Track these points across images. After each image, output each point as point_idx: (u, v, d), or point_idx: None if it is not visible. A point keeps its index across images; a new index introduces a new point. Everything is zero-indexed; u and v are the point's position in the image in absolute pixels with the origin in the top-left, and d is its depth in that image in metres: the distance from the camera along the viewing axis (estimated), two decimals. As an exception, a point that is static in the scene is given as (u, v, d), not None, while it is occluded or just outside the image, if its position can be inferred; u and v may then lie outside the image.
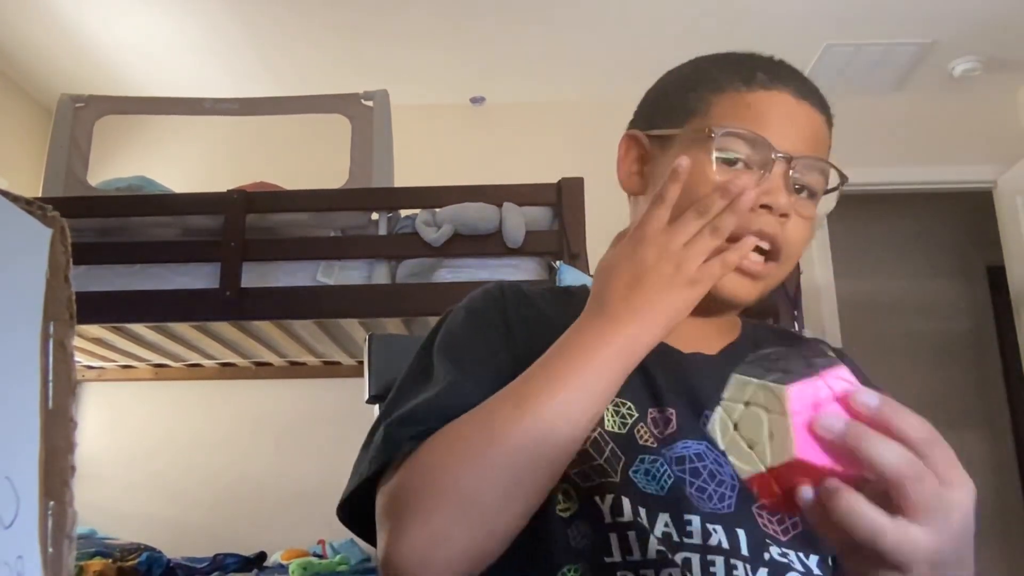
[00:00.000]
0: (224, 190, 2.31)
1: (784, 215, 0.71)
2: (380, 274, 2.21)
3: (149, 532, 2.91)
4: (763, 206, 0.70)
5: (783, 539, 0.68)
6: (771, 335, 0.87)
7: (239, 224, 2.18)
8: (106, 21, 3.07)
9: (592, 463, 0.68)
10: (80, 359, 2.95)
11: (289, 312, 2.21)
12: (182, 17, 3.07)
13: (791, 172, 0.72)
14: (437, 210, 2.18)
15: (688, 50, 0.88)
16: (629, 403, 0.72)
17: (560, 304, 0.80)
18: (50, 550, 0.46)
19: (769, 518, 0.69)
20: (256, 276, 2.15)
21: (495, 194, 2.19)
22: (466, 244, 2.14)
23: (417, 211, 2.25)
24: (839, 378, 0.47)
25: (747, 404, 0.48)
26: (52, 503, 0.47)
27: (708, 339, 0.79)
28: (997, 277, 4.00)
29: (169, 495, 3.22)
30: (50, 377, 0.48)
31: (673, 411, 0.71)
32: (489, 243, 2.14)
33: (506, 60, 3.42)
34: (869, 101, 3.64)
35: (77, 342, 1.61)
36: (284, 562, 2.73)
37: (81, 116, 2.52)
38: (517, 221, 2.13)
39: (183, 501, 3.21)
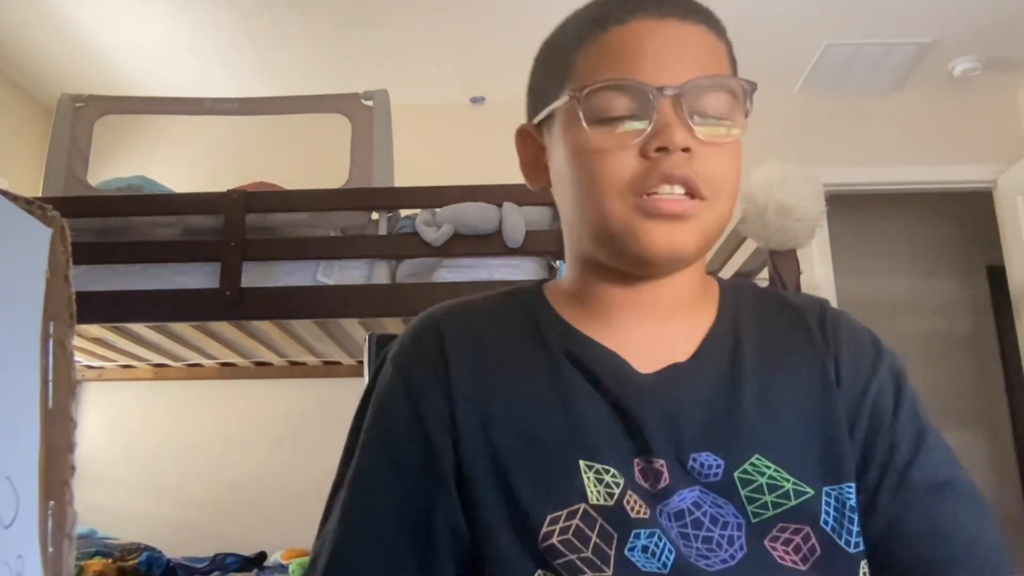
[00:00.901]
0: (224, 190, 2.31)
1: (686, 149, 0.61)
2: (380, 274, 2.20)
3: (149, 532, 2.91)
4: (659, 149, 0.61)
5: (803, 568, 0.62)
6: (754, 302, 0.74)
7: (239, 224, 2.18)
8: (106, 21, 3.07)
9: (580, 555, 0.59)
10: (80, 359, 2.95)
11: (289, 312, 2.20)
12: (182, 17, 3.07)
13: (682, 101, 0.61)
14: (437, 210, 2.18)
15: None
16: (612, 469, 0.62)
17: (503, 313, 0.72)
18: (50, 550, 0.46)
19: (784, 548, 0.62)
20: (256, 276, 2.15)
21: (495, 194, 2.19)
22: (466, 244, 2.14)
23: (417, 211, 2.25)
24: None
25: None
26: (52, 503, 0.47)
27: (677, 332, 0.69)
28: (997, 277, 4.00)
29: (169, 495, 3.22)
30: (50, 377, 0.48)
31: (663, 462, 0.63)
32: (489, 243, 2.14)
33: (506, 60, 3.42)
34: (869, 101, 3.64)
35: (77, 342, 1.62)
36: (284, 562, 2.73)
37: (81, 116, 2.52)
38: (517, 221, 2.13)
39: (183, 501, 3.21)
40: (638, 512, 0.61)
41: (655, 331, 0.69)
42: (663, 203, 0.61)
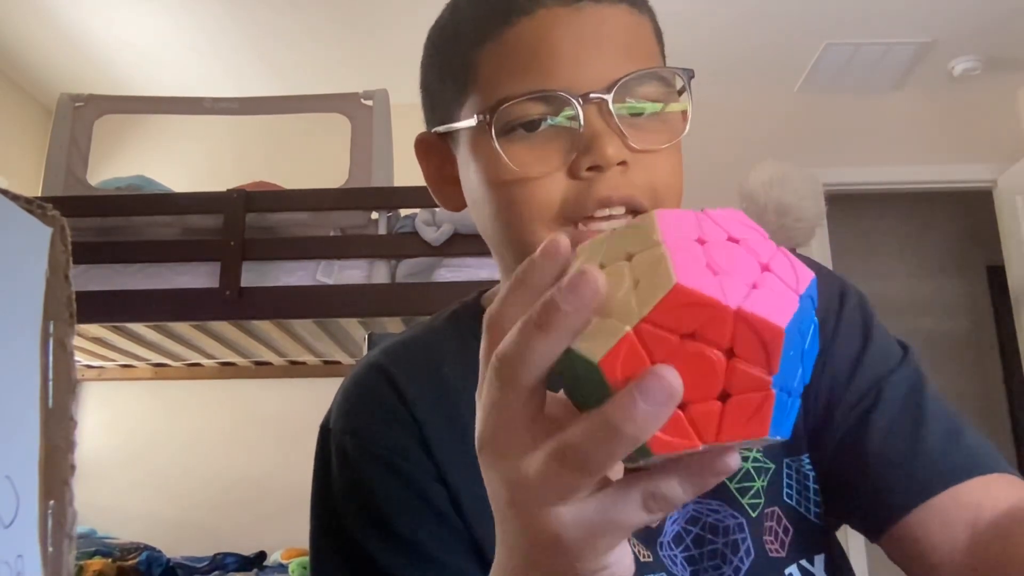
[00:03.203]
0: (224, 189, 2.31)
1: (622, 163, 0.53)
2: (380, 273, 2.20)
3: (149, 531, 2.91)
4: (592, 167, 0.53)
5: (784, 554, 0.60)
6: None
7: (239, 223, 2.18)
8: (106, 21, 3.07)
9: None
10: (80, 358, 2.95)
11: (289, 311, 2.21)
12: (182, 16, 3.07)
13: (610, 106, 0.53)
14: (437, 209, 2.18)
15: (688, 47, 0.86)
16: None
17: (454, 343, 0.64)
18: (50, 549, 0.46)
19: (771, 538, 0.60)
20: (256, 275, 2.15)
21: (495, 193, 2.18)
22: (466, 243, 2.14)
23: (417, 210, 2.25)
24: (734, 220, 0.31)
25: (601, 267, 0.31)
26: (52, 502, 0.47)
27: None
28: (997, 276, 4.00)
29: (169, 494, 3.22)
30: (50, 376, 0.48)
31: None
32: (489, 242, 2.14)
33: (506, 59, 3.42)
34: (869, 100, 3.64)
35: (77, 341, 1.62)
36: (284, 561, 2.73)
37: (81, 115, 2.52)
38: (517, 220, 2.12)
39: (183, 500, 3.21)
40: (645, 556, 0.56)
41: None
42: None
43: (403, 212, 2.32)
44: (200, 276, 2.16)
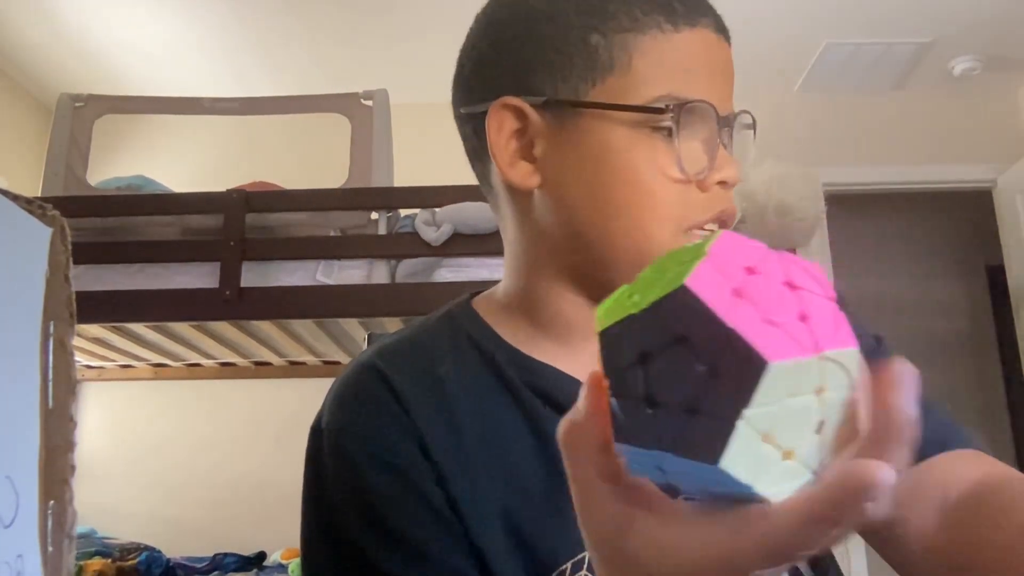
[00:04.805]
0: (223, 189, 2.31)
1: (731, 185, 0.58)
2: (380, 273, 2.20)
3: (149, 531, 2.92)
4: (719, 183, 0.57)
5: None
6: None
7: (238, 223, 2.18)
8: (106, 21, 3.07)
9: None
10: (80, 358, 2.95)
11: (288, 311, 2.21)
12: (182, 16, 3.07)
13: (732, 134, 0.59)
14: (437, 209, 2.18)
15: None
16: None
17: (446, 344, 0.63)
18: (50, 549, 0.46)
19: None
20: (256, 275, 2.15)
21: (495, 193, 2.18)
22: (466, 243, 2.14)
23: (417, 210, 2.25)
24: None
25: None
26: (52, 502, 0.47)
27: None
28: (996, 276, 4.00)
29: (169, 494, 3.22)
30: (50, 376, 0.48)
31: None
32: (489, 242, 2.14)
33: (506, 59, 3.42)
34: (869, 100, 3.64)
35: (77, 341, 1.62)
36: (284, 561, 2.73)
37: (81, 115, 2.52)
38: (517, 220, 2.12)
39: (183, 500, 3.21)
40: None
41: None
42: None
43: (403, 212, 2.32)
44: (200, 276, 2.16)
